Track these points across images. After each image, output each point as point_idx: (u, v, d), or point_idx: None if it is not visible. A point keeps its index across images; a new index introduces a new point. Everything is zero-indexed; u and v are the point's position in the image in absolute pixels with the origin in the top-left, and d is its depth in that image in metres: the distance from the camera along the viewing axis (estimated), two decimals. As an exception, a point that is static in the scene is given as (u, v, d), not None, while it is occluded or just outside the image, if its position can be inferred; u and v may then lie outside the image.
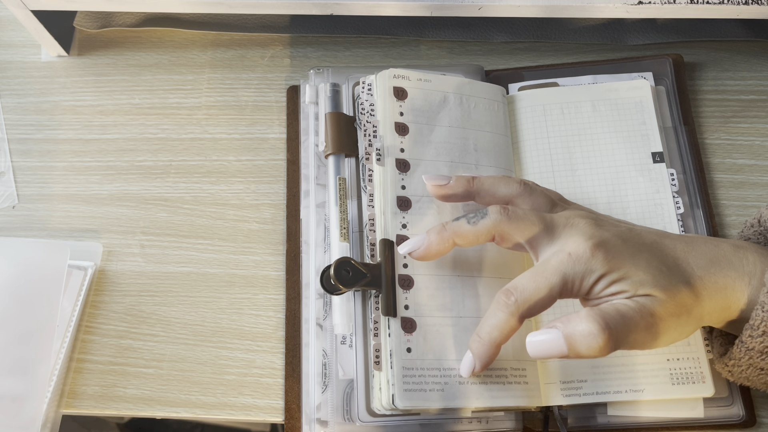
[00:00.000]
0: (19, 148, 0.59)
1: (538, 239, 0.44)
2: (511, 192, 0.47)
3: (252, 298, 0.54)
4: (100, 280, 0.55)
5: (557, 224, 0.44)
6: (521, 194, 0.47)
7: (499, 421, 0.48)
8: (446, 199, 0.49)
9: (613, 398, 0.48)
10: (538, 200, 0.47)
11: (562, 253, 0.43)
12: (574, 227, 0.44)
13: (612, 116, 0.55)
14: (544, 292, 0.42)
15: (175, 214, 0.57)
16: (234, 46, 0.62)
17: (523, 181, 0.48)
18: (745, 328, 0.43)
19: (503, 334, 0.43)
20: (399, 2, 0.53)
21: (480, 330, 0.44)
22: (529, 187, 0.48)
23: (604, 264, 0.42)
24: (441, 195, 0.49)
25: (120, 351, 0.53)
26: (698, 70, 0.60)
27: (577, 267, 0.42)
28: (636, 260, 0.42)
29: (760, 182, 0.57)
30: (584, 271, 0.42)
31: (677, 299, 0.42)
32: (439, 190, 0.48)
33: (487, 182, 0.48)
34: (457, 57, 0.62)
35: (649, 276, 0.42)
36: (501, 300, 0.43)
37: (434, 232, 0.46)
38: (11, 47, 0.63)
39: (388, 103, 0.52)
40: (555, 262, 0.43)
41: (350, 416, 0.47)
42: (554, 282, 0.42)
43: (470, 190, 0.48)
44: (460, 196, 0.49)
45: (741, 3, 0.53)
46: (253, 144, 0.59)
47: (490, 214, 0.45)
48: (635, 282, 0.42)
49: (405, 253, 0.47)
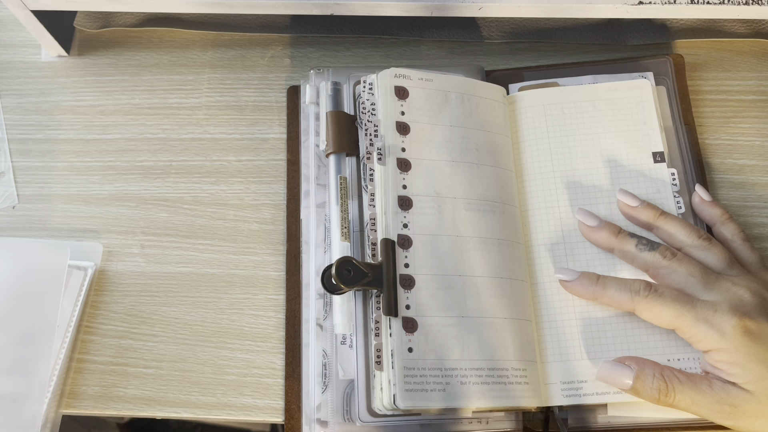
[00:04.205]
0: (19, 148, 0.59)
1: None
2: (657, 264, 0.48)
3: (252, 299, 0.54)
4: (100, 280, 0.55)
5: (703, 315, 0.45)
6: (665, 267, 0.48)
7: (500, 422, 0.48)
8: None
9: (613, 398, 0.48)
10: (680, 279, 0.47)
11: (711, 306, 0.45)
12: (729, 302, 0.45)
13: (612, 116, 0.55)
14: (671, 314, 0.45)
15: (175, 214, 0.57)
16: (234, 46, 0.62)
17: (646, 285, 0.47)
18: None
19: (609, 303, 0.48)
20: (399, 2, 0.53)
21: (605, 282, 0.48)
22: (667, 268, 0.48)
23: (740, 347, 0.44)
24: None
25: (120, 351, 0.53)
26: (698, 70, 0.60)
27: (712, 326, 0.44)
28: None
29: (760, 182, 0.57)
30: (717, 336, 0.44)
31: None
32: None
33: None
34: (457, 57, 0.62)
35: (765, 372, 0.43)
36: (637, 286, 0.46)
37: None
38: (11, 47, 0.63)
39: (390, 102, 0.52)
40: (701, 307, 0.45)
41: (350, 416, 0.47)
42: (687, 315, 0.45)
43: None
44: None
45: (741, 3, 0.53)
46: (253, 144, 0.59)
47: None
48: (749, 380, 0.43)
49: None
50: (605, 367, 0.47)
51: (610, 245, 0.50)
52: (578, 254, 0.51)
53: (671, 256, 0.47)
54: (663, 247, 0.48)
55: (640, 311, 0.46)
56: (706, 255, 0.48)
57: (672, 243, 0.49)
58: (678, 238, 0.49)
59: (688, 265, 0.47)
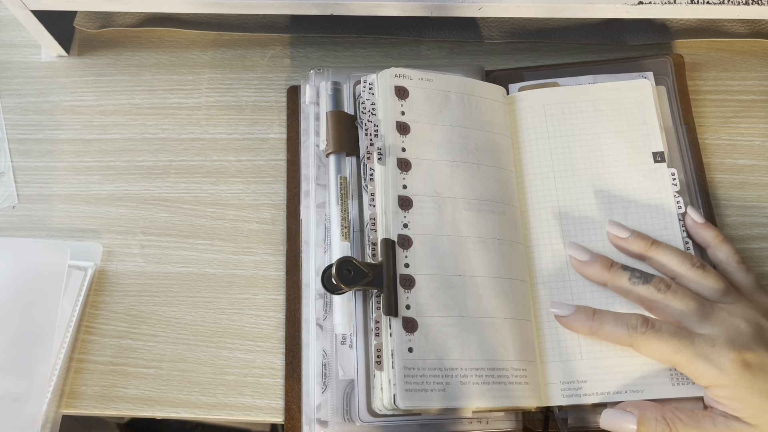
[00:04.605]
0: (19, 148, 0.59)
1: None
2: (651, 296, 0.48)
3: (252, 299, 0.54)
4: (100, 280, 0.55)
5: (701, 351, 0.45)
6: (662, 298, 0.47)
7: (500, 422, 0.48)
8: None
9: (613, 399, 0.48)
10: (675, 312, 0.47)
11: (709, 340, 0.44)
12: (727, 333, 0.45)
13: (613, 116, 0.55)
14: (669, 350, 0.45)
15: (175, 214, 0.57)
16: (234, 46, 0.62)
17: (644, 320, 0.47)
18: None
19: (606, 339, 0.47)
20: (399, 2, 0.53)
21: (602, 317, 0.47)
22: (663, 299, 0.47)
23: (740, 382, 0.43)
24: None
25: (120, 351, 0.53)
26: (698, 70, 0.60)
27: (710, 361, 0.44)
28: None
29: (760, 182, 0.57)
30: (716, 372, 0.44)
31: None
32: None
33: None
34: (457, 57, 0.62)
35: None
36: (634, 322, 0.46)
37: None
38: (11, 47, 0.63)
39: (390, 102, 0.52)
40: (699, 343, 0.45)
41: (350, 416, 0.47)
42: (686, 351, 0.45)
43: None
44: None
45: (741, 3, 0.53)
46: (253, 144, 0.59)
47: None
48: (752, 414, 0.43)
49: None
50: (608, 415, 0.46)
51: (603, 280, 0.49)
52: (578, 254, 0.51)
53: (665, 289, 0.47)
54: (657, 279, 0.47)
55: (638, 347, 0.46)
56: (701, 284, 0.48)
57: (665, 272, 0.49)
58: (671, 268, 0.49)
59: (683, 297, 0.46)
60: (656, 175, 0.53)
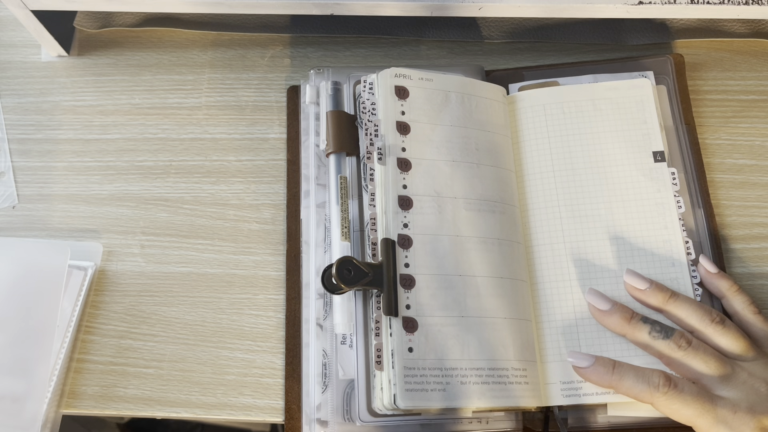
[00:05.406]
0: (19, 148, 0.59)
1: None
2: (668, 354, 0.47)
3: (252, 299, 0.54)
4: (100, 280, 0.55)
5: (723, 416, 0.44)
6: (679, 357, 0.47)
7: (500, 421, 0.48)
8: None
9: (613, 398, 0.48)
10: (695, 370, 0.46)
11: (730, 406, 0.44)
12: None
13: (613, 115, 0.55)
14: (691, 413, 0.44)
15: (175, 214, 0.57)
16: (234, 46, 0.62)
17: (665, 376, 0.46)
18: None
19: (626, 394, 0.46)
20: (399, 2, 0.53)
21: (622, 371, 0.46)
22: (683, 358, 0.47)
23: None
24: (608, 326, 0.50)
25: (120, 351, 0.53)
26: (698, 69, 0.60)
27: (731, 429, 0.44)
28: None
29: (760, 182, 0.57)
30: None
31: None
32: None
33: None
34: (457, 57, 0.62)
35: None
36: (656, 380, 0.45)
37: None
38: (11, 47, 0.63)
39: (390, 102, 0.52)
40: (720, 407, 0.44)
41: (350, 416, 0.47)
42: (707, 416, 0.44)
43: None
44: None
45: (741, 3, 0.53)
46: (253, 144, 0.59)
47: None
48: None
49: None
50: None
51: (623, 332, 0.49)
52: (578, 257, 0.51)
53: (687, 346, 0.46)
54: (677, 335, 0.47)
55: (658, 406, 0.45)
56: (720, 339, 0.47)
57: (684, 327, 0.48)
58: (689, 323, 0.48)
59: (704, 356, 0.46)
60: (656, 174, 0.53)
